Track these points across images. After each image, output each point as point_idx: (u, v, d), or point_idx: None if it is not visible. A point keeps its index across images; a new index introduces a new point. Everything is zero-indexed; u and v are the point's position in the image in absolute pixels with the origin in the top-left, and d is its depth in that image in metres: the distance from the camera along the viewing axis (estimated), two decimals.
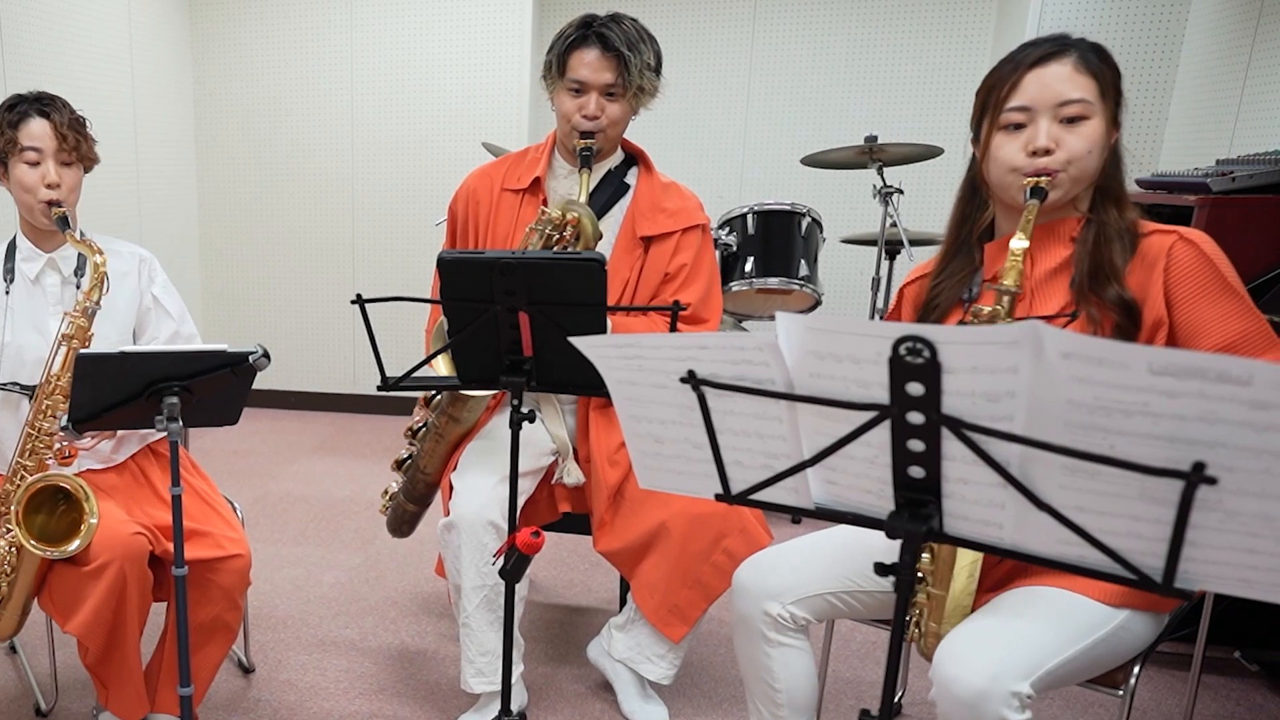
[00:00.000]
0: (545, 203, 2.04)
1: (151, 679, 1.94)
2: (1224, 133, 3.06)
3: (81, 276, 1.91)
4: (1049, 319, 1.41)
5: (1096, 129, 1.38)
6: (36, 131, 1.81)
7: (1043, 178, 1.37)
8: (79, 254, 1.91)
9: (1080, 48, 1.39)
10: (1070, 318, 1.40)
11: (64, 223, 1.81)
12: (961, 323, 1.46)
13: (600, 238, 1.93)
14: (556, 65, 1.96)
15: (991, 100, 1.43)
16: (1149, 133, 3.51)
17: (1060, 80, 1.37)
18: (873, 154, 3.12)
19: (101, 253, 1.78)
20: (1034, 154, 1.38)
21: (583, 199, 1.91)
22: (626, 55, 1.89)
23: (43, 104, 1.84)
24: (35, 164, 1.82)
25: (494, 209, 2.09)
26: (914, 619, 1.42)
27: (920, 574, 1.40)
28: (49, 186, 1.81)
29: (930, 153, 3.12)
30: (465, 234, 2.15)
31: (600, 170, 2.05)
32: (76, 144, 1.85)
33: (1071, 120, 1.37)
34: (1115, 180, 1.44)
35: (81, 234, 1.84)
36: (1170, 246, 1.38)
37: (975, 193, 1.55)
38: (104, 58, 3.79)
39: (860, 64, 4.12)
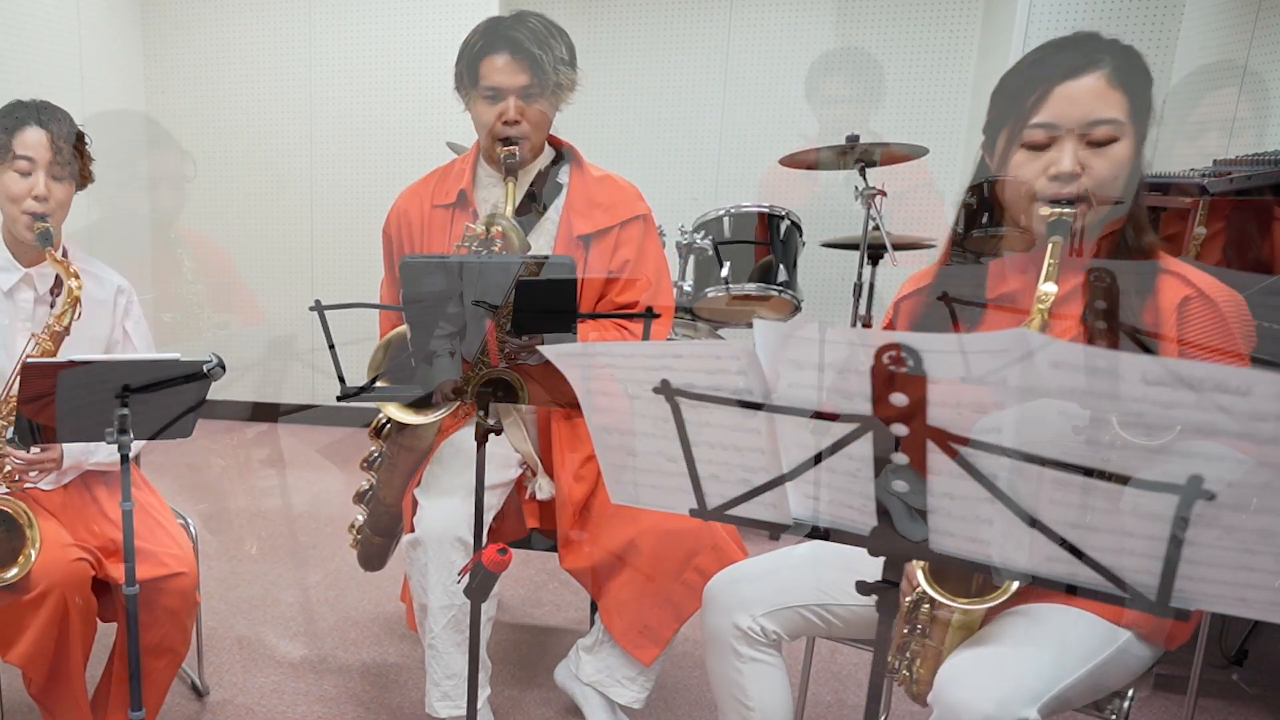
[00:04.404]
0: (475, 216, 2.00)
1: (100, 703, 1.88)
2: (1221, 132, 3.00)
3: (57, 296, 1.85)
4: None
5: (1125, 151, 1.28)
6: (32, 141, 1.77)
7: (1065, 210, 1.27)
8: (57, 273, 1.85)
9: (1114, 56, 1.28)
10: None
11: (46, 239, 1.76)
12: None
13: (529, 249, 1.89)
14: (468, 75, 1.91)
15: (1013, 110, 1.32)
16: None
17: (1091, 97, 1.27)
18: (854, 154, 3.03)
19: (77, 276, 1.74)
20: (1056, 178, 1.28)
21: (509, 209, 1.87)
22: (537, 54, 1.85)
23: (42, 114, 1.80)
24: (26, 174, 1.77)
25: (426, 227, 2.05)
26: (904, 664, 1.38)
27: (919, 625, 1.35)
28: (36, 199, 1.76)
29: (914, 153, 3.05)
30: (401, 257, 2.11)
31: (530, 173, 2.01)
32: (72, 159, 1.80)
33: (1099, 143, 1.27)
34: (1134, 200, 1.34)
35: (65, 253, 1.79)
36: (1184, 302, 1.27)
37: (982, 201, 1.43)
38: (51, 55, 3.68)
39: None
